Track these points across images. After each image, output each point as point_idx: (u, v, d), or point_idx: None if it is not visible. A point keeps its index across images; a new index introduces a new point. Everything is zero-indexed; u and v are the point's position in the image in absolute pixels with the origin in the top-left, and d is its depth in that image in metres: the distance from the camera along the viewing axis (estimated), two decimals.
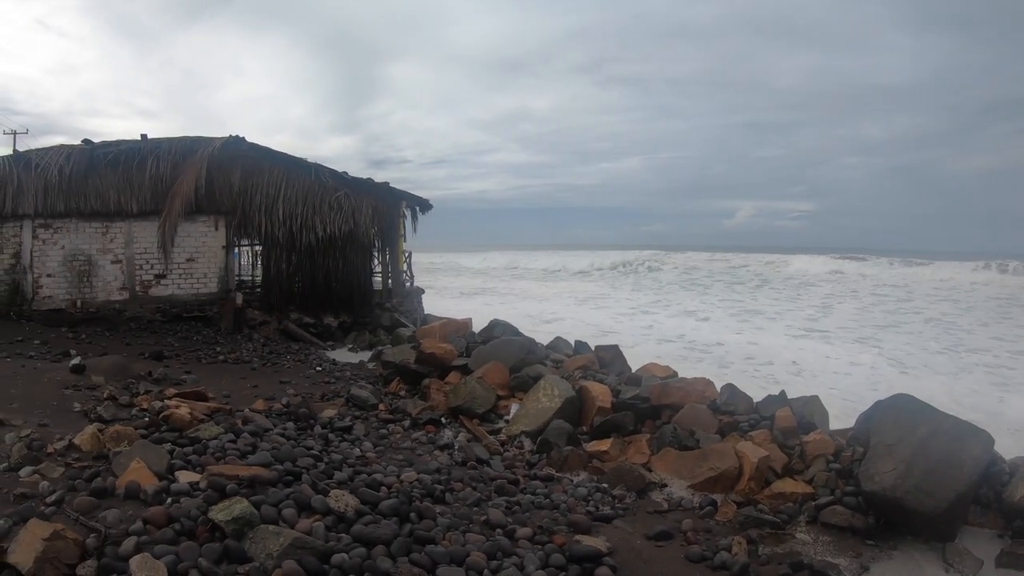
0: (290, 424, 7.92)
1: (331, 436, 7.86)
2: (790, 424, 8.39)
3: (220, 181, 18.38)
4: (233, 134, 18.66)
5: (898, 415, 7.43)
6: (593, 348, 11.52)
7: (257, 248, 20.22)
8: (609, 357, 11.09)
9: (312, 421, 8.29)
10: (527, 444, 8.83)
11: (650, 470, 7.99)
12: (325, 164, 19.64)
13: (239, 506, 4.67)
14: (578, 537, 5.87)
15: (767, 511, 7.14)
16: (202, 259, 18.58)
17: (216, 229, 18.62)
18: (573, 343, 12.20)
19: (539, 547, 5.58)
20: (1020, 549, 6.56)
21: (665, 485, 7.75)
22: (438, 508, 5.94)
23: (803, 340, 22.95)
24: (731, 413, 8.90)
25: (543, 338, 13.51)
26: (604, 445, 8.49)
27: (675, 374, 10.30)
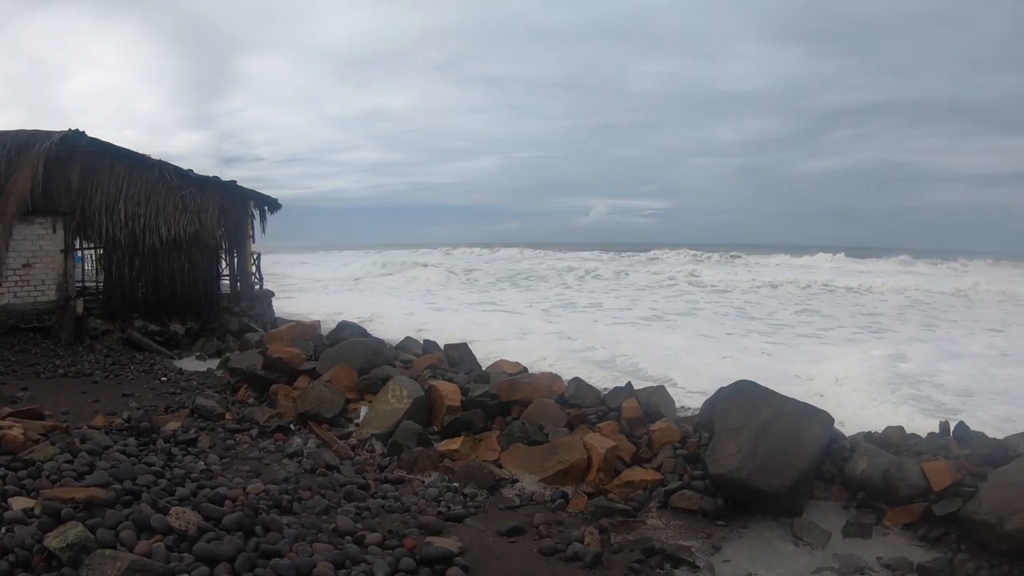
0: (131, 440, 7.65)
1: (174, 450, 7.62)
2: (636, 414, 8.74)
3: (58, 179, 17.32)
4: (73, 128, 17.55)
5: (740, 400, 7.89)
6: (443, 347, 11.55)
7: (99, 251, 19.14)
8: (458, 355, 11.16)
9: (155, 435, 8.03)
10: (378, 447, 8.82)
11: (501, 466, 8.16)
12: (174, 161, 18.92)
13: (74, 531, 4.49)
14: (429, 539, 5.90)
15: (617, 500, 7.47)
16: (40, 264, 17.44)
17: (54, 231, 17.55)
18: (423, 342, 12.20)
19: (389, 552, 5.57)
20: (865, 519, 7.16)
21: (516, 480, 7.93)
22: (285, 519, 5.84)
23: (643, 331, 23.77)
24: (579, 406, 9.16)
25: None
26: (455, 444, 8.59)
27: (524, 370, 10.48)
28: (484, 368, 10.99)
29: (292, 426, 9.45)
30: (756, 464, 7.24)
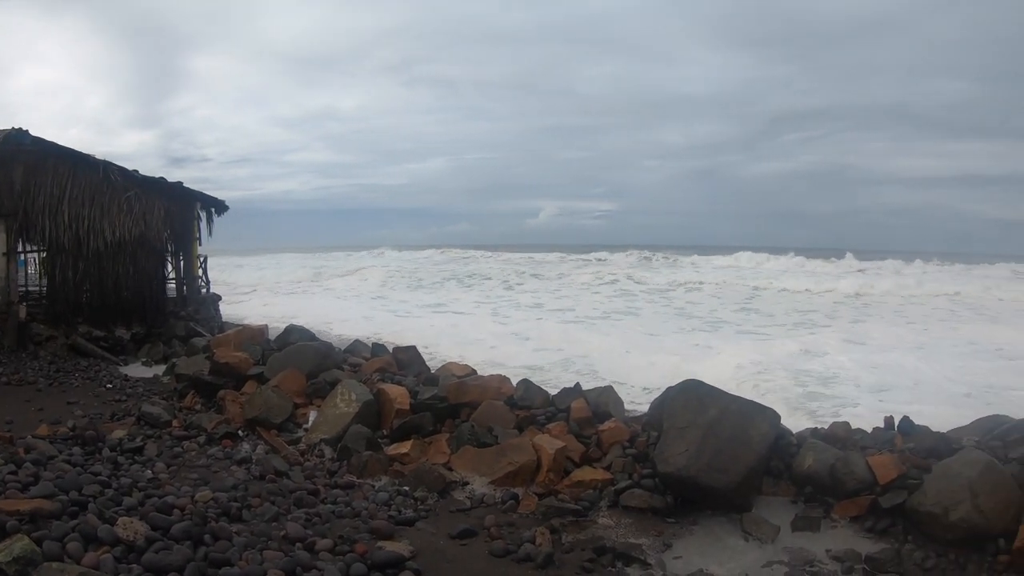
0: (77, 449, 7.60)
1: (121, 459, 7.58)
2: (585, 415, 8.81)
3: (1, 179, 16.94)
4: (16, 127, 16.99)
5: (687, 399, 8.01)
6: (391, 350, 11.54)
7: (42, 254, 18.71)
8: (407, 358, 11.14)
9: (100, 444, 7.98)
10: (327, 452, 8.79)
11: (451, 469, 8.19)
12: (121, 162, 18.47)
13: (19, 544, 4.45)
14: (380, 543, 5.95)
15: (568, 500, 7.54)
16: None
17: None
18: (371, 345, 12.17)
19: (340, 558, 5.60)
20: (813, 512, 7.35)
21: (467, 483, 7.96)
22: (235, 527, 5.85)
23: (588, 331, 24.03)
24: (528, 408, 9.20)
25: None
26: (404, 447, 8.60)
27: (473, 372, 10.51)
28: (433, 371, 11.00)
29: (240, 432, 9.38)
30: (704, 462, 7.38)
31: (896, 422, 8.36)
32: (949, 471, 6.86)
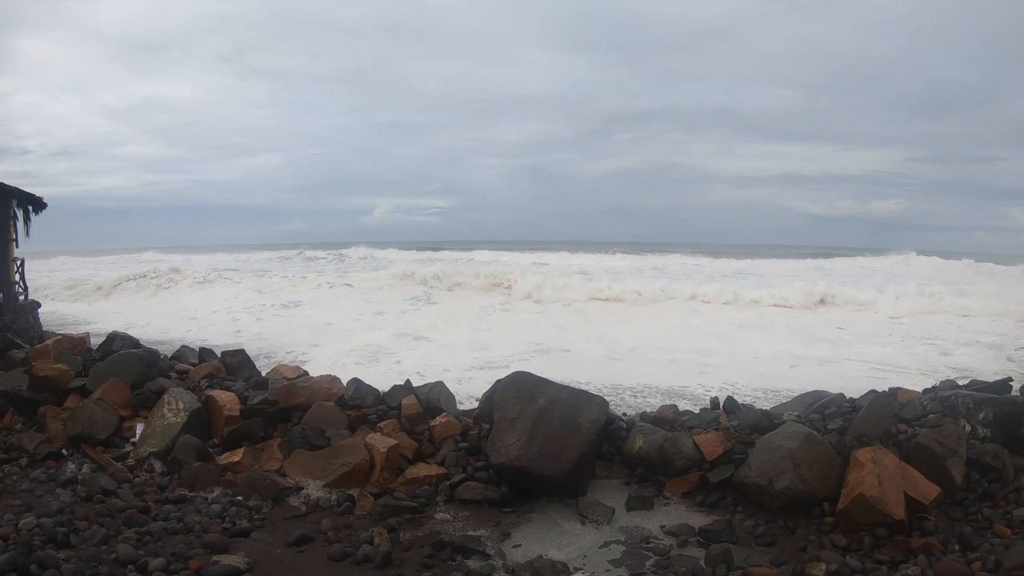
0: None
1: None
2: (416, 411, 8.97)
3: None
4: None
5: (517, 390, 8.34)
6: (219, 354, 11.33)
7: None
8: (236, 363, 10.92)
9: None
10: (157, 466, 8.56)
11: (284, 475, 8.16)
12: None
13: None
14: (216, 558, 5.97)
15: (404, 498, 7.73)
16: None
17: None
18: (198, 350, 11.91)
19: None
20: (646, 492, 7.90)
21: (301, 488, 7.96)
22: (62, 553, 5.77)
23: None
24: (359, 407, 9.24)
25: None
26: (236, 456, 8.51)
27: (305, 374, 10.43)
28: (264, 374, 10.89)
29: (64, 451, 8.99)
30: (535, 451, 7.74)
31: (721, 402, 9.09)
32: (771, 444, 7.57)
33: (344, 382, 9.79)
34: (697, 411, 9.24)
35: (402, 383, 9.70)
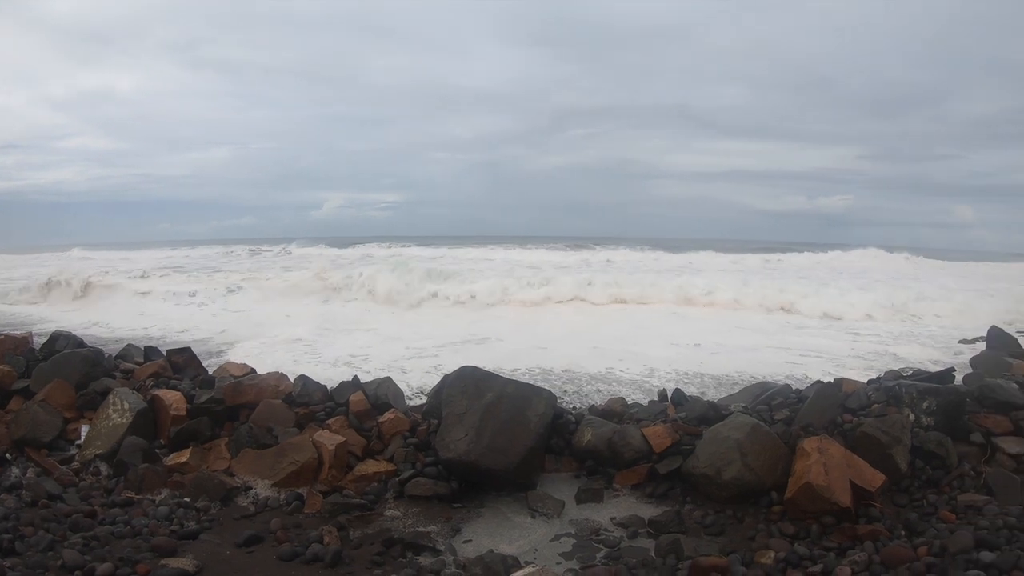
0: None
1: None
2: (364, 407, 8.94)
3: None
4: None
5: (465, 385, 8.38)
6: (165, 353, 11.19)
7: None
8: (183, 361, 10.76)
9: None
10: (103, 469, 8.43)
11: (232, 475, 8.11)
12: None
13: None
14: (164, 561, 5.91)
15: (353, 495, 7.72)
16: None
17: None
18: (143, 349, 11.75)
19: None
20: (595, 485, 8.00)
21: (250, 487, 7.90)
22: (8, 561, 5.70)
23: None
24: (307, 404, 9.21)
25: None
26: (183, 456, 8.42)
27: (252, 371, 10.36)
28: (211, 372, 10.80)
29: (8, 455, 8.80)
30: (484, 445, 7.79)
31: (669, 394, 9.24)
32: (718, 435, 7.72)
33: (291, 379, 9.76)
34: (646, 403, 9.37)
35: (349, 379, 9.70)
